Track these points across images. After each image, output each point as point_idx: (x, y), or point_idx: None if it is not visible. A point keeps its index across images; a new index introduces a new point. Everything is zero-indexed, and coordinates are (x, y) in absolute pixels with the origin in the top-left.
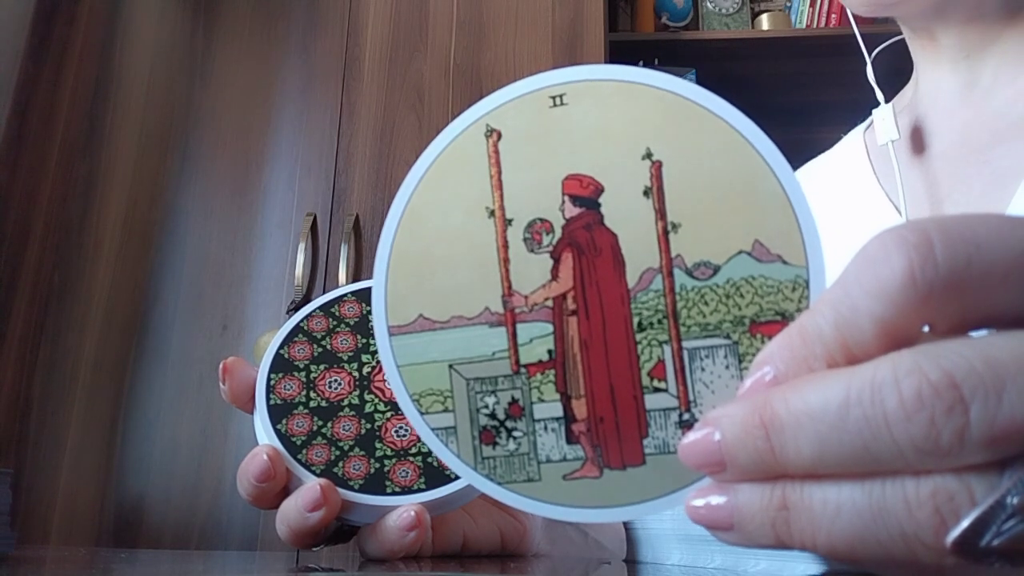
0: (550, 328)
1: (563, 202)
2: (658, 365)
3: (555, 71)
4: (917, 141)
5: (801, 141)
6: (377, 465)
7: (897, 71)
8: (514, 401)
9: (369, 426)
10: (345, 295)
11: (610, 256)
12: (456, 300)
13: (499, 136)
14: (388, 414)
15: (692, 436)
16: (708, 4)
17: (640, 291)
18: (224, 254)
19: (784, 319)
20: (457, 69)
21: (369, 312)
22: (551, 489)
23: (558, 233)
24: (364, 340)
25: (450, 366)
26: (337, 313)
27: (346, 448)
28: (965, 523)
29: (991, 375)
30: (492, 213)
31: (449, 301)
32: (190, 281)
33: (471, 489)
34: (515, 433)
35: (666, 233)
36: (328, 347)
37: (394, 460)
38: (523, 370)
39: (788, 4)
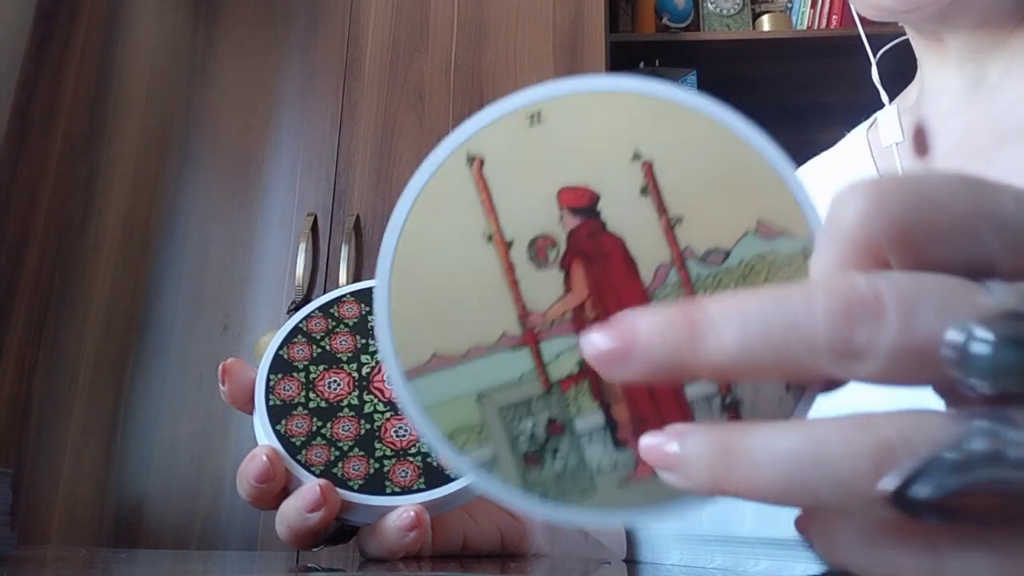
0: (575, 340)
1: (562, 215)
2: None
3: (526, 91)
4: (920, 142)
5: (802, 142)
6: (377, 465)
7: (898, 72)
8: (552, 420)
9: (368, 426)
10: (344, 296)
11: (620, 259)
12: (470, 332)
13: (482, 162)
14: (387, 414)
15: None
16: (709, 5)
17: (657, 287)
18: (224, 254)
19: None
20: (458, 70)
21: (368, 313)
22: (608, 497)
23: (563, 246)
24: (363, 341)
25: (478, 398)
26: (336, 314)
27: (345, 448)
28: (901, 474)
29: (914, 292)
30: (491, 238)
31: (463, 334)
32: (190, 281)
33: (471, 489)
34: (559, 451)
35: (671, 227)
36: (327, 348)
37: (393, 460)
38: (555, 387)
39: (789, 5)
